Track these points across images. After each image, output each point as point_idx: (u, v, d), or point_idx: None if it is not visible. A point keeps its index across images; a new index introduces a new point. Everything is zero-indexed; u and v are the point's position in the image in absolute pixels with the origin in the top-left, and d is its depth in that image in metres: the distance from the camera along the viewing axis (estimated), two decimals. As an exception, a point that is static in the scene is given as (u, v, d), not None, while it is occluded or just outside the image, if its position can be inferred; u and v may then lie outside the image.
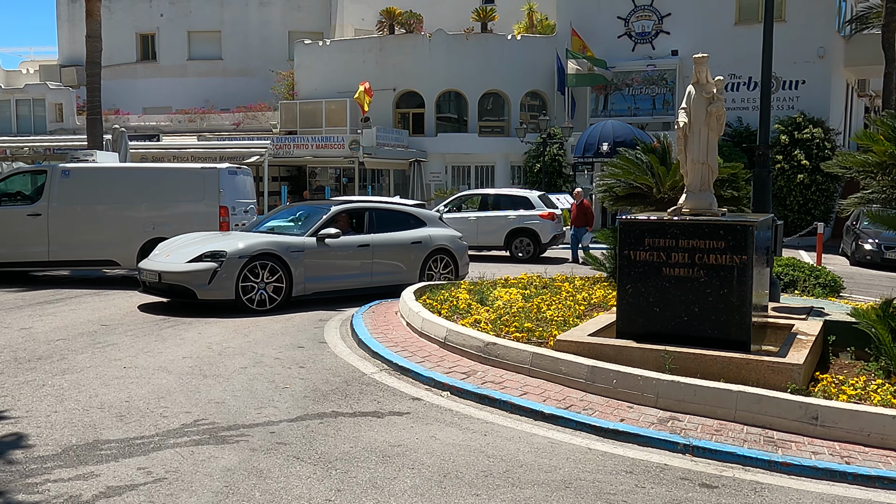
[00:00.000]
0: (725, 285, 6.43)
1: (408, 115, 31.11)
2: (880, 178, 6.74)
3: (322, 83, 31.20)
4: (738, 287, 6.39)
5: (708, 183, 6.94)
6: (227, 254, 10.03)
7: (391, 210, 12.36)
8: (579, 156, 25.86)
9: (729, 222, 6.39)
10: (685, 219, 6.60)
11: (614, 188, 11.61)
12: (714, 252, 6.44)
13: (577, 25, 28.90)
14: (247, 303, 10.09)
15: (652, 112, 28.82)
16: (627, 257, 6.78)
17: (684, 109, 6.95)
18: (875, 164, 6.71)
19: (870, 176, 6.82)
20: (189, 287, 9.98)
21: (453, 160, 30.25)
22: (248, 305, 10.09)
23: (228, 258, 10.00)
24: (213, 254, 10.08)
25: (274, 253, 10.36)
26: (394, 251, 11.79)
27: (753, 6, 27.96)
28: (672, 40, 28.64)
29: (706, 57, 6.90)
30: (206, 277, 9.91)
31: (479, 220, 19.60)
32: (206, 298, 9.99)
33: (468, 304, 9.36)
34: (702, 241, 6.47)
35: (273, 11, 37.31)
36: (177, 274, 10.05)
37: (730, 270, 6.40)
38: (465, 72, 30.01)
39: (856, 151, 7.38)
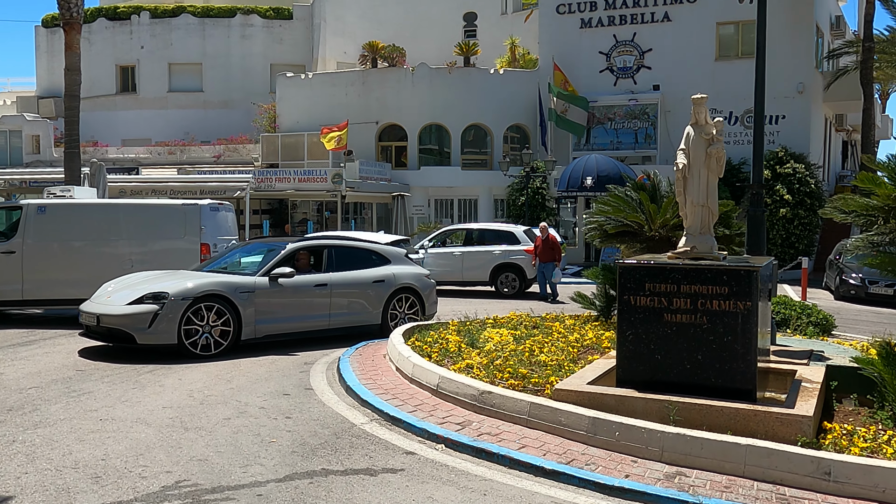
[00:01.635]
0: (729, 332, 6.23)
1: (390, 149, 31.00)
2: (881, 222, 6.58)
3: (304, 116, 31.05)
4: (742, 334, 6.19)
5: (708, 226, 6.77)
6: (169, 295, 9.63)
7: (352, 247, 12.01)
8: (563, 190, 25.83)
9: (732, 267, 6.21)
10: (687, 263, 6.41)
11: (604, 226, 11.44)
12: (717, 298, 6.24)
13: (560, 60, 29.05)
14: (190, 347, 9.65)
15: (634, 146, 28.93)
16: (627, 303, 6.57)
17: (683, 151, 6.80)
18: (878, 208, 6.58)
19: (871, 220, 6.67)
20: (128, 331, 9.53)
21: (436, 193, 30.12)
22: (192, 350, 9.65)
23: (171, 300, 9.60)
24: (154, 295, 9.67)
25: (221, 294, 9.96)
26: (354, 291, 11.45)
27: (733, 42, 28.30)
28: (653, 75, 28.85)
29: (705, 97, 6.78)
30: (147, 320, 9.49)
31: (464, 255, 19.39)
32: (146, 343, 9.55)
33: (458, 347, 9.09)
34: (704, 287, 6.28)
35: (255, 44, 37.24)
36: (115, 317, 9.61)
37: (734, 317, 6.21)
38: (448, 105, 30.02)
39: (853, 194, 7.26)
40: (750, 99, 27.52)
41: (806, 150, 26.75)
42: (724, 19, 27.98)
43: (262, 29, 37.34)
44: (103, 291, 10.48)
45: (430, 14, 37.27)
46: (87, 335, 10.04)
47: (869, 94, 25.86)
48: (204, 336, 9.81)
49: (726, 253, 7.12)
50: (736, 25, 28.07)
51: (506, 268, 19.04)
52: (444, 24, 36.85)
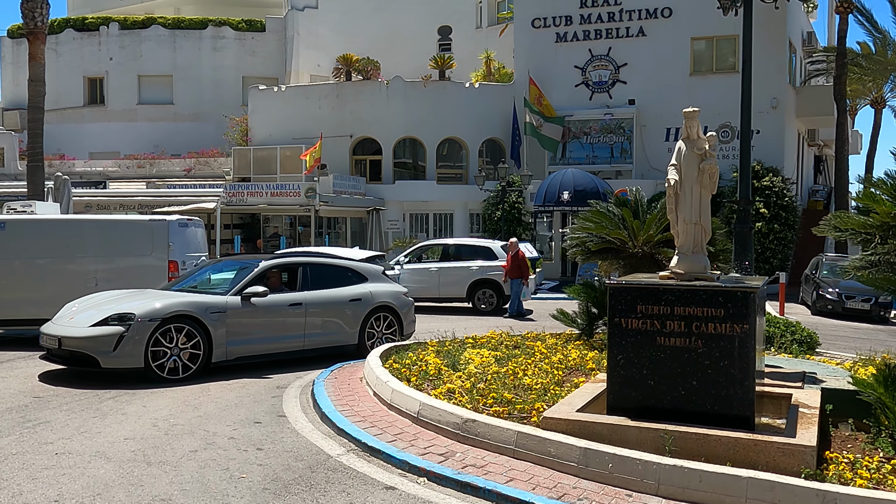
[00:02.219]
0: (726, 356, 5.94)
1: (365, 162, 30.62)
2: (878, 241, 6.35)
3: (277, 129, 30.59)
4: (739, 358, 5.91)
5: (701, 244, 6.50)
6: (135, 316, 9.17)
7: (327, 265, 11.61)
8: (540, 204, 25.61)
9: (729, 289, 5.93)
10: (681, 284, 6.12)
11: (587, 242, 11.17)
12: (713, 320, 5.96)
13: (535, 74, 28.93)
14: (157, 371, 9.18)
15: (610, 160, 28.84)
16: (618, 325, 6.26)
17: (674, 166, 6.53)
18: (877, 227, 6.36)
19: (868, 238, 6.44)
20: (91, 354, 9.03)
21: (411, 208, 29.76)
22: (159, 374, 9.18)
23: (137, 321, 9.13)
24: (120, 316, 9.20)
25: (190, 314, 9.51)
26: (330, 310, 11.05)
27: (708, 58, 28.39)
28: (629, 90, 28.82)
29: (697, 111, 6.52)
30: (111, 343, 9.01)
31: (441, 271, 19.05)
32: (110, 367, 9.07)
33: (438, 370, 8.73)
34: (699, 309, 5.99)
35: (226, 56, 36.75)
36: (78, 339, 9.11)
37: (730, 340, 5.92)
38: (423, 119, 29.74)
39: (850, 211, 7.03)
40: (725, 114, 27.89)
41: (780, 165, 26.83)
42: (699, 34, 28.07)
43: (234, 41, 36.88)
44: (66, 312, 9.97)
45: (405, 28, 37.07)
46: (49, 358, 9.54)
47: (843, 108, 26.03)
48: (172, 359, 9.35)
49: (720, 273, 6.84)
50: (710, 41, 28.16)
51: (483, 284, 18.72)
52: (418, 38, 36.66)
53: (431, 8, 37.21)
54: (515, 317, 17.53)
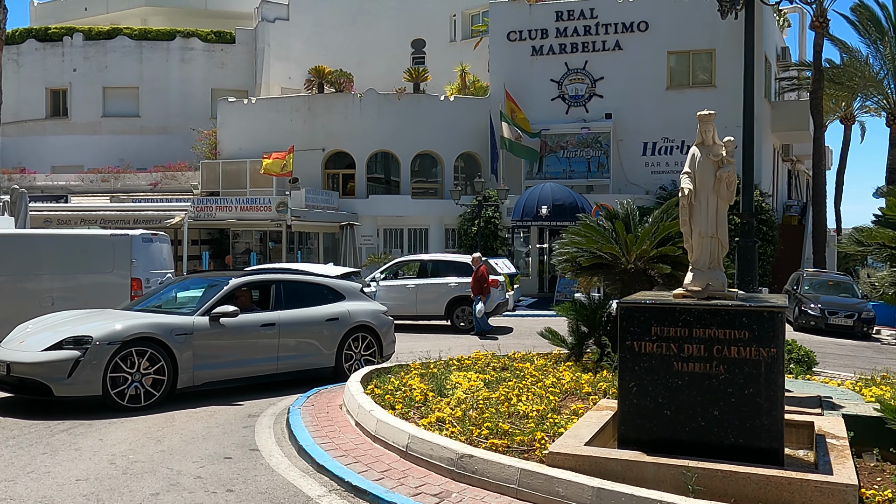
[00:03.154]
0: (751, 383, 5.37)
1: (337, 177, 29.94)
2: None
3: (247, 142, 29.79)
4: (766, 385, 5.34)
5: (718, 259, 5.95)
6: (93, 339, 8.37)
7: (303, 282, 10.92)
8: (517, 219, 25.11)
9: (754, 308, 5.37)
10: (700, 303, 5.55)
11: (577, 257, 10.61)
12: (736, 343, 5.39)
13: (511, 87, 28.53)
14: (117, 398, 8.39)
15: (587, 175, 28.47)
16: (630, 349, 5.67)
17: (688, 174, 5.98)
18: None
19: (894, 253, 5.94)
20: (44, 381, 8.21)
21: (385, 223, 29.11)
22: (119, 402, 8.39)
23: (95, 344, 8.34)
24: (76, 339, 8.40)
25: (154, 337, 8.74)
26: (305, 330, 10.34)
27: (684, 72, 28.22)
28: (605, 103, 28.54)
29: (713, 114, 5.99)
30: (66, 369, 8.21)
31: (419, 287, 18.40)
32: (64, 395, 8.27)
33: (425, 396, 8.07)
34: (721, 331, 5.42)
35: (195, 68, 35.89)
36: (29, 365, 8.29)
37: (756, 366, 5.36)
38: (397, 132, 29.16)
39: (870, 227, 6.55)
40: (702, 128, 27.63)
41: (758, 179, 26.62)
42: (675, 49, 27.91)
43: (203, 53, 36.06)
44: (17, 334, 9.14)
45: (378, 41, 36.56)
46: (-5, 385, 8.71)
47: (819, 122, 25.96)
48: (133, 385, 8.57)
49: (737, 290, 6.29)
50: (687, 55, 28.02)
51: (462, 301, 18.08)
52: (391, 52, 36.17)
53: (405, 21, 36.76)
54: (479, 335, 16.94)
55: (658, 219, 10.66)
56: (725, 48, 27.26)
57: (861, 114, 39.37)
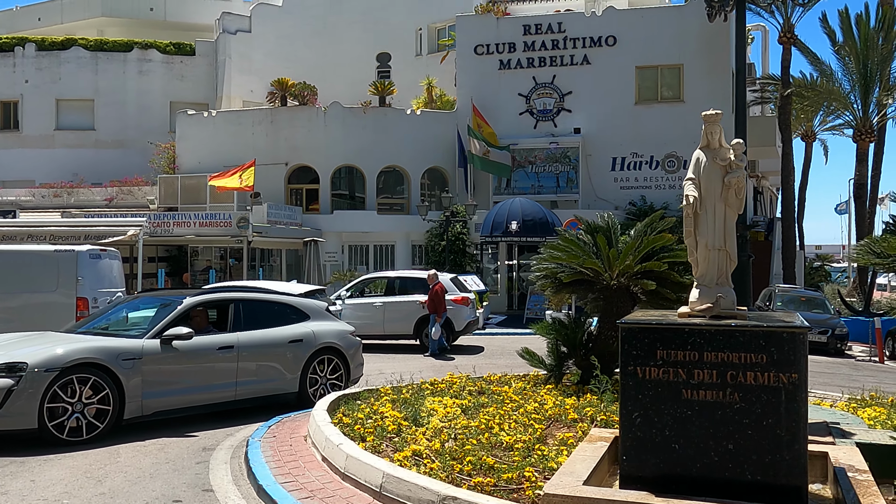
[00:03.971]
0: (770, 413, 4.79)
1: (301, 192, 29.12)
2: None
3: (207, 156, 28.85)
4: (787, 416, 4.77)
5: (726, 274, 5.39)
6: (28, 366, 7.55)
7: (264, 301, 10.17)
8: (486, 235, 24.55)
9: (772, 329, 4.80)
10: (711, 324, 4.96)
11: (557, 273, 10.03)
12: (753, 368, 4.81)
13: (478, 102, 28.07)
14: (55, 432, 7.57)
15: (556, 190, 28.08)
16: (633, 375, 5.06)
17: (692, 181, 5.41)
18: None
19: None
20: None
21: (351, 239, 28.34)
22: (57, 435, 7.57)
23: (31, 371, 7.53)
24: (9, 366, 7.57)
25: (98, 362, 7.94)
26: (266, 353, 9.60)
27: (653, 87, 28.04)
28: (574, 118, 28.23)
29: (719, 114, 5.44)
30: None
31: (386, 306, 17.68)
32: None
33: (398, 424, 7.38)
34: (736, 354, 4.84)
35: (153, 80, 34.83)
36: None
37: (775, 393, 4.78)
38: (363, 146, 28.48)
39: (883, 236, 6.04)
40: (671, 143, 27.46)
41: (727, 195, 26.46)
42: (643, 63, 27.73)
43: (162, 65, 35.02)
44: (-57, 361, 8.25)
45: (343, 54, 35.89)
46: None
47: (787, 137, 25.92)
48: (74, 417, 7.74)
49: (746, 308, 5.73)
50: (655, 70, 27.84)
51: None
52: (357, 66, 35.51)
53: (370, 34, 36.17)
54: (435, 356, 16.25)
55: (641, 232, 10.14)
56: (693, 64, 27.19)
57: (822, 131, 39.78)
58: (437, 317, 16.42)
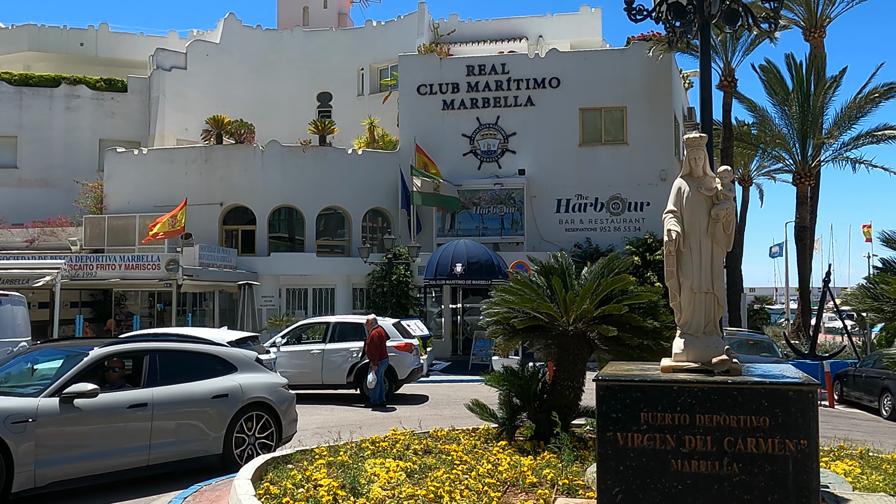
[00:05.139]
0: (776, 488, 4.05)
1: (236, 233, 27.89)
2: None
3: (137, 196, 27.47)
4: (795, 490, 4.03)
5: (715, 322, 4.68)
6: None
7: (184, 351, 9.16)
8: (430, 278, 23.73)
9: (776, 386, 4.08)
10: (704, 381, 4.22)
11: (511, 319, 9.25)
12: (754, 433, 4.08)
13: (422, 142, 27.51)
14: None
15: (501, 232, 27.54)
16: (613, 442, 4.26)
17: (673, 213, 4.73)
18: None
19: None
20: None
21: (288, 282, 27.18)
22: None
23: None
24: None
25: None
26: (186, 410, 8.58)
27: (596, 129, 27.93)
28: (518, 159, 27.88)
29: (703, 138, 4.78)
30: None
31: (325, 353, 16.63)
32: None
33: (333, 495, 6.42)
34: (733, 417, 4.11)
35: (82, 117, 33.37)
36: None
37: (781, 463, 4.05)
38: (302, 187, 27.52)
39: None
40: (615, 185, 27.27)
41: (672, 237, 26.30)
42: (587, 105, 27.63)
43: (91, 101, 33.64)
44: None
45: (282, 93, 35.13)
46: None
47: (730, 181, 25.96)
48: (-55, 493, 6.58)
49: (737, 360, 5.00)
50: (599, 112, 27.76)
51: (373, 367, 16.38)
52: (296, 105, 34.78)
53: (310, 73, 35.54)
54: (375, 407, 15.25)
55: (598, 274, 9.47)
56: (636, 106, 27.21)
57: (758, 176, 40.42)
58: (373, 364, 15.43)
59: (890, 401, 16.69)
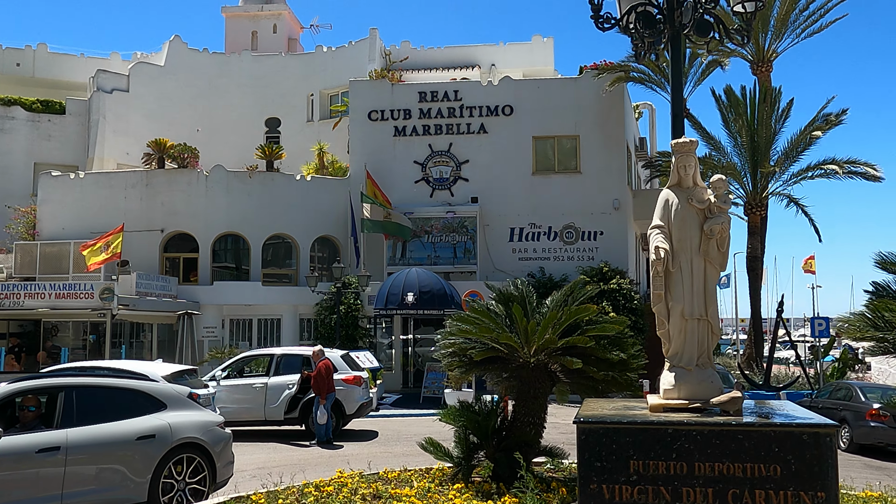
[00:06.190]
0: (790, 549, 3.42)
1: (178, 261, 26.73)
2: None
3: (72, 222, 26.16)
4: (813, 552, 3.41)
5: (708, 353, 4.08)
6: None
7: (105, 388, 8.30)
8: (381, 307, 22.94)
9: (790, 427, 3.48)
10: (704, 423, 3.60)
11: (468, 350, 8.59)
12: (764, 484, 3.47)
13: (373, 168, 26.84)
14: None
15: (453, 260, 26.92)
16: (598, 497, 3.62)
17: (661, 230, 4.15)
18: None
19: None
20: None
21: (232, 312, 26.05)
22: None
23: None
24: None
25: None
26: (105, 454, 7.71)
27: (550, 157, 27.67)
28: (471, 187, 27.40)
29: (694, 143, 4.24)
30: None
31: (268, 387, 15.68)
32: None
33: (270, 553, 5.63)
34: (739, 465, 3.50)
35: (15, 140, 31.90)
36: None
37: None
38: (248, 214, 26.55)
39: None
40: (569, 214, 26.93)
41: (625, 266, 26.07)
42: (540, 133, 27.36)
43: (27, 123, 32.23)
44: None
45: (229, 118, 34.22)
46: None
47: (682, 211, 25.86)
48: None
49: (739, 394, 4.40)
50: (552, 140, 27.51)
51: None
52: (243, 130, 33.91)
53: (259, 99, 34.74)
54: (323, 444, 14.37)
55: (561, 302, 8.91)
56: (589, 135, 27.05)
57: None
58: (321, 398, 14.57)
59: (848, 432, 16.42)
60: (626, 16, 7.20)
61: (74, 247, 24.98)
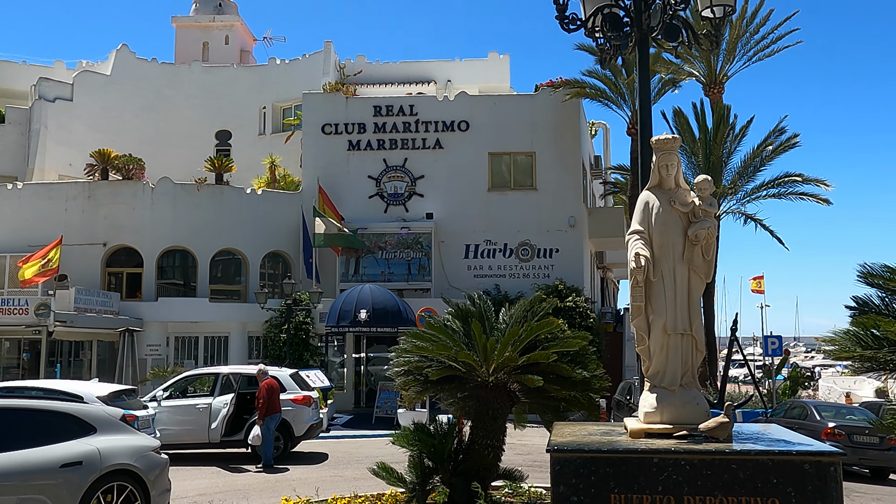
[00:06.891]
0: None
1: (121, 276, 25.69)
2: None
3: (9, 234, 24.97)
4: None
5: (692, 371, 3.70)
6: None
7: (28, 410, 7.67)
8: (332, 325, 22.30)
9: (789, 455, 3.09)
10: (693, 451, 3.19)
11: (424, 369, 8.12)
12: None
13: (325, 183, 26.26)
14: None
15: (407, 277, 26.40)
16: (574, 536, 3.16)
17: (640, 235, 3.75)
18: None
19: None
20: None
21: (178, 330, 25.11)
22: None
23: None
24: None
25: None
26: (24, 484, 7.02)
27: (506, 174, 27.43)
28: (426, 203, 26.98)
29: (676, 140, 3.86)
30: None
31: (212, 408, 14.93)
32: None
33: None
34: (733, 499, 3.09)
35: (-49, 150, 30.56)
36: None
37: (796, 560, 3.04)
38: (196, 227, 25.70)
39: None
40: (525, 231, 26.65)
41: (581, 284, 25.89)
42: (496, 150, 27.13)
43: (-37, 132, 30.90)
44: None
45: (178, 131, 33.33)
46: None
47: (638, 229, 25.86)
48: None
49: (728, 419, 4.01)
50: (508, 156, 27.30)
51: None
52: (193, 142, 33.04)
53: (209, 110, 33.93)
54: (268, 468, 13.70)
55: (520, 317, 8.50)
56: (545, 152, 26.91)
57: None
58: (258, 419, 13.87)
59: (804, 451, 16.34)
60: (591, 17, 6.88)
61: (11, 260, 23.89)
